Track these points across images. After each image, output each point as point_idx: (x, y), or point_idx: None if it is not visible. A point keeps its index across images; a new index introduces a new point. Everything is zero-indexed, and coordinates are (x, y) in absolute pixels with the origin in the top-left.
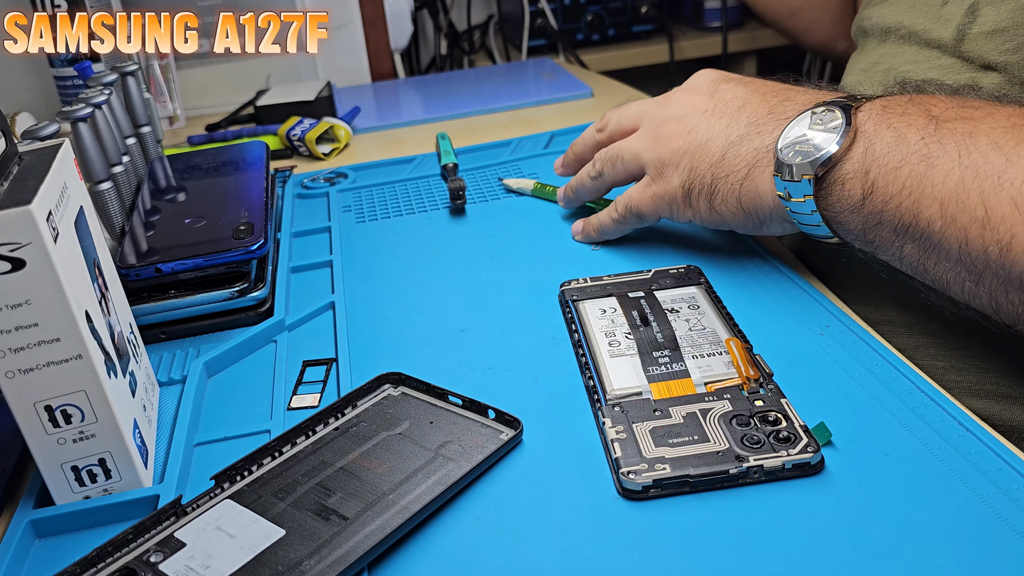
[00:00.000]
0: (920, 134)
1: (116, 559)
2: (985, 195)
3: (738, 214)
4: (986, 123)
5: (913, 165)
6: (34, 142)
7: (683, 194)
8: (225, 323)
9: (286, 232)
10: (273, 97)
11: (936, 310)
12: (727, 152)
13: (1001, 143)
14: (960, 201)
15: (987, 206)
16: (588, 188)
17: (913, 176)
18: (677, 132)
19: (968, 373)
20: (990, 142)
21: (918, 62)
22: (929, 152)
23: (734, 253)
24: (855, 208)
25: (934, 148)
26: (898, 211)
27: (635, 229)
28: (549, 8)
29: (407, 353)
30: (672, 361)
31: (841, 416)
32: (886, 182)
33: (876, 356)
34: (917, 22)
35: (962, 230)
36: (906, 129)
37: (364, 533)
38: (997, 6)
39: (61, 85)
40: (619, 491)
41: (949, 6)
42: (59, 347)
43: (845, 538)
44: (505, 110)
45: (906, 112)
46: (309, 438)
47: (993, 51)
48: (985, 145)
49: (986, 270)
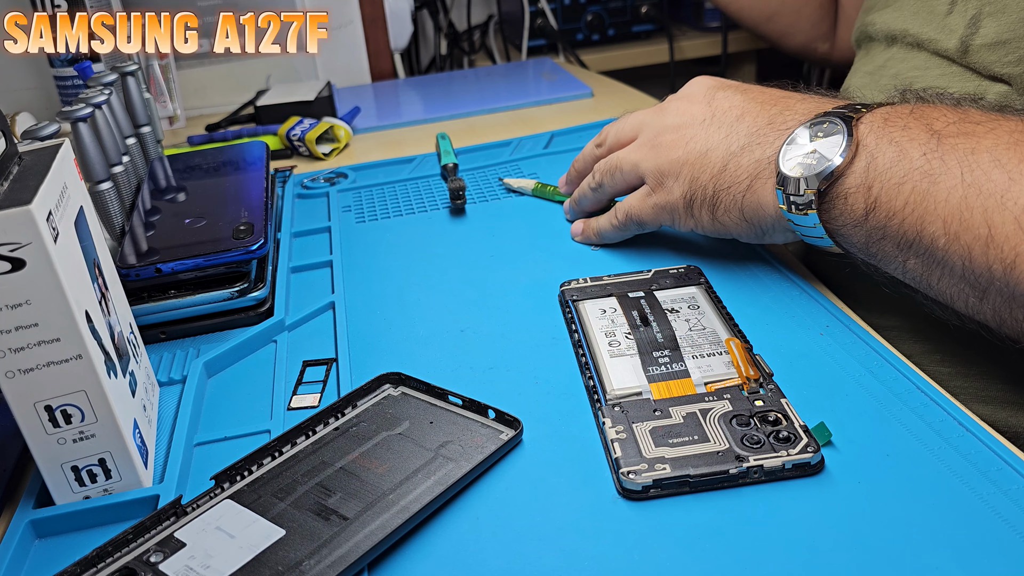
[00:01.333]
0: (922, 149)
1: (116, 559)
2: (988, 214)
3: (740, 224)
4: (988, 139)
5: (916, 182)
6: (34, 142)
7: (685, 205)
8: (225, 323)
9: (286, 232)
10: (273, 97)
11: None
12: (728, 163)
13: (1004, 160)
14: (963, 219)
15: (990, 225)
16: (589, 199)
17: (916, 193)
18: (676, 142)
19: (974, 379)
20: (992, 159)
21: (927, 68)
22: (932, 169)
23: (734, 253)
24: (858, 222)
25: (936, 165)
26: (901, 227)
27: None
28: (549, 8)
29: (407, 353)
30: (672, 361)
31: (841, 416)
32: (889, 198)
33: (876, 356)
34: (923, 31)
35: (966, 248)
36: (908, 144)
37: (364, 533)
38: (998, 17)
39: (61, 85)
40: (619, 491)
41: (953, 16)
42: (59, 347)
43: (845, 538)
44: (505, 110)
45: (907, 126)
46: (309, 438)
47: (997, 63)
48: (988, 163)
49: (990, 287)
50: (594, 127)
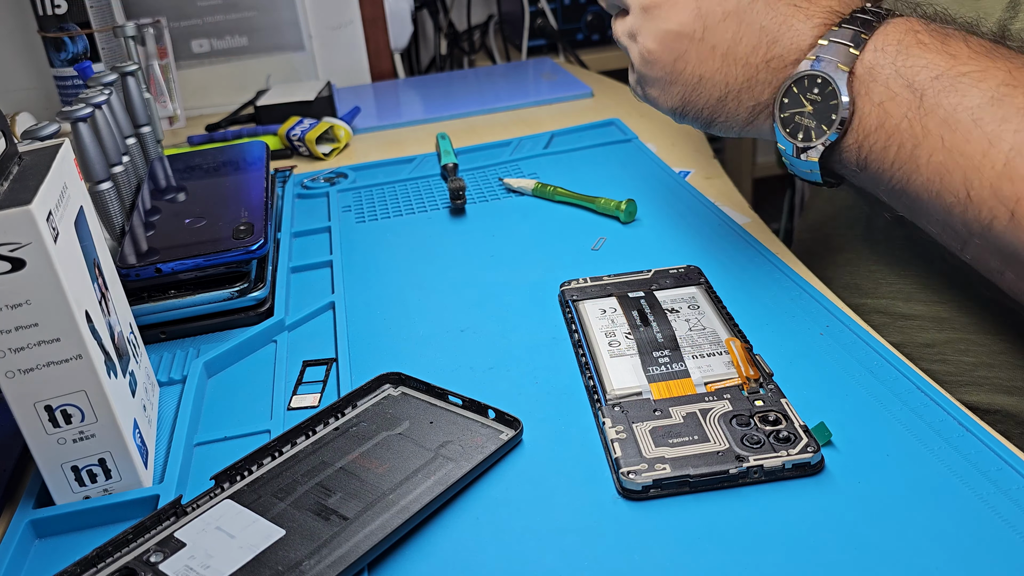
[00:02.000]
0: (904, 112)
1: (116, 559)
2: (967, 178)
3: (732, 135)
4: (972, 94)
5: (899, 146)
6: (34, 142)
7: (675, 114)
8: (225, 323)
9: (286, 232)
10: (273, 97)
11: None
12: (727, 98)
13: (984, 121)
14: (944, 181)
15: (968, 188)
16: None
17: (900, 155)
18: (664, 57)
19: (1000, 369)
20: (972, 120)
21: None
22: (914, 133)
23: (734, 253)
24: (852, 174)
25: (918, 130)
26: (890, 182)
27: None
28: (549, 8)
29: (407, 353)
30: (672, 361)
31: (841, 416)
32: (877, 159)
33: (876, 356)
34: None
35: (946, 207)
36: (892, 107)
37: (364, 533)
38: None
39: (61, 85)
40: (619, 491)
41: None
42: (59, 347)
43: (845, 538)
44: (505, 110)
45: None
46: (309, 438)
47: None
48: (968, 123)
49: (969, 240)
50: (594, 127)
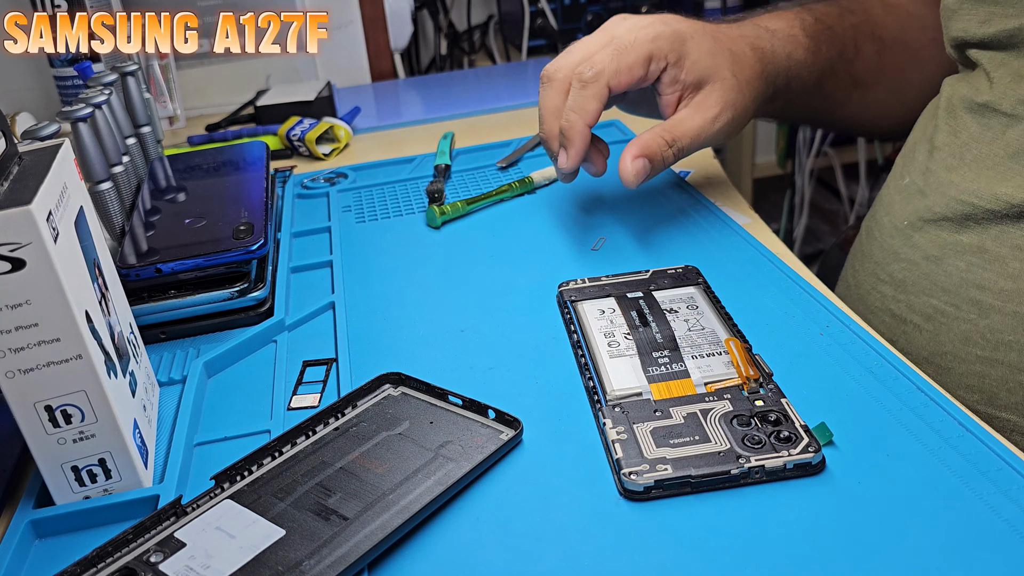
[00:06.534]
0: None
1: (116, 559)
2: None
3: None
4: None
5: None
6: (34, 142)
7: None
8: (225, 323)
9: (286, 232)
10: (273, 97)
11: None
12: None
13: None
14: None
15: None
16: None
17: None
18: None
19: None
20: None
21: None
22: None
23: (734, 253)
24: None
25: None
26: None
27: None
28: (549, 8)
29: (407, 353)
30: (672, 361)
31: (841, 416)
32: None
33: (876, 356)
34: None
35: None
36: None
37: (364, 533)
38: None
39: (61, 85)
40: (620, 492)
41: None
42: (59, 347)
43: (846, 538)
44: (505, 110)
45: None
46: (309, 438)
47: None
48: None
49: None
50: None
